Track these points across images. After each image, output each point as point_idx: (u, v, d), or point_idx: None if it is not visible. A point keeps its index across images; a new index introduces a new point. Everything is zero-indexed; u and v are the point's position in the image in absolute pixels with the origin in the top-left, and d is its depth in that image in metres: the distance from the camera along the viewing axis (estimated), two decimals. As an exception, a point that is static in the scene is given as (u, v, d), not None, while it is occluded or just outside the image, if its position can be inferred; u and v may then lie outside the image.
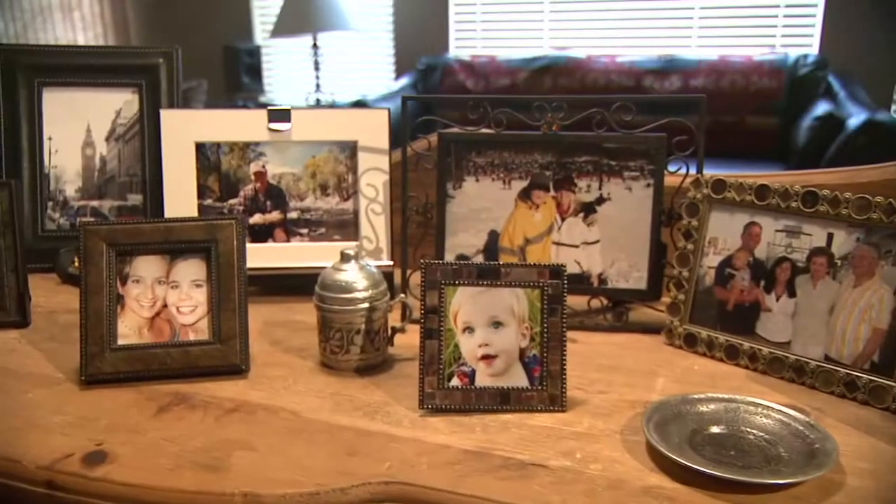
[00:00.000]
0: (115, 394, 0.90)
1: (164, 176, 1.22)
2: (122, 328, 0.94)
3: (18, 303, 1.11)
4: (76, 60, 1.40)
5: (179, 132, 1.21)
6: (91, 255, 0.93)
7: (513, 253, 1.11)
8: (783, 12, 3.79)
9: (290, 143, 1.22)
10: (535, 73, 3.88)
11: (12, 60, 1.38)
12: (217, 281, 0.95)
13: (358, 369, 0.96)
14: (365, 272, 0.96)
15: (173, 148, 1.22)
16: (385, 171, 1.23)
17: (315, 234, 1.23)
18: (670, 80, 3.66)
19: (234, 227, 0.97)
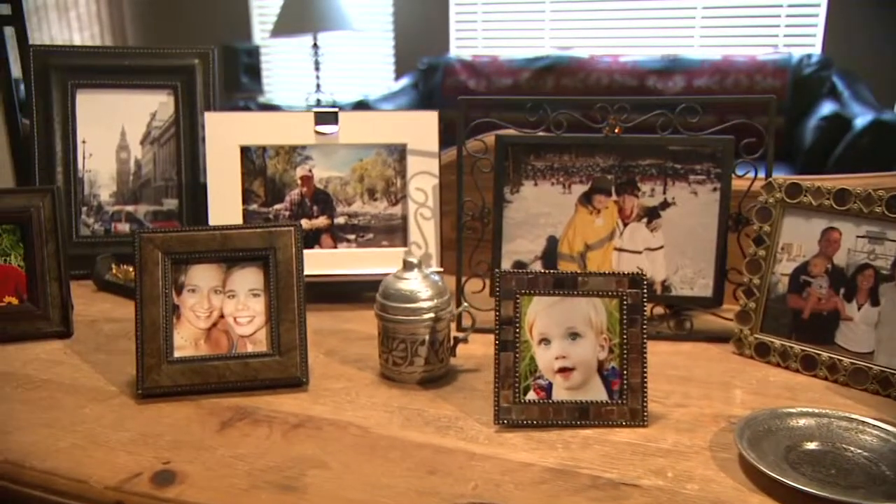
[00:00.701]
0: (174, 408, 0.87)
1: (209, 181, 1.19)
2: (178, 340, 0.91)
3: (62, 312, 1.08)
4: (110, 62, 1.38)
5: (224, 135, 1.19)
6: (146, 264, 0.91)
7: (572, 259, 1.08)
8: (786, 12, 3.79)
9: (338, 146, 1.20)
10: (538, 73, 3.87)
11: (45, 62, 1.35)
12: (275, 290, 0.93)
13: (421, 381, 0.93)
14: (429, 281, 0.93)
15: (218, 152, 1.19)
16: (434, 174, 1.20)
17: (363, 240, 1.21)
18: (674, 80, 3.65)
19: (292, 235, 0.94)
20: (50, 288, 1.08)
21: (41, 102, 1.35)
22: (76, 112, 1.37)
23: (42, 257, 1.08)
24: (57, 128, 1.36)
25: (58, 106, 1.36)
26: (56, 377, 0.96)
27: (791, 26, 3.78)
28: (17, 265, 1.08)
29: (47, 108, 1.35)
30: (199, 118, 1.39)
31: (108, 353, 1.03)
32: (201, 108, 1.39)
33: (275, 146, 1.19)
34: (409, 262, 0.94)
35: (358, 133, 1.20)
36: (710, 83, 3.57)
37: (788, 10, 3.75)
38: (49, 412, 0.87)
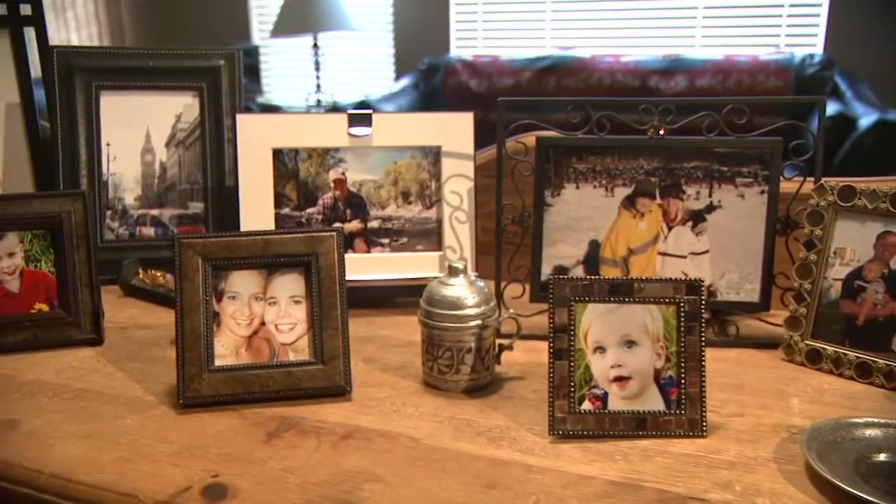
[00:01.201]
0: (216, 418, 0.86)
1: (240, 184, 1.18)
2: (219, 348, 0.89)
3: (93, 319, 1.06)
4: (135, 63, 1.36)
5: (256, 138, 1.17)
6: (187, 271, 0.89)
7: (614, 264, 1.07)
8: (787, 11, 3.78)
9: (371, 148, 1.18)
10: (540, 73, 3.86)
11: (69, 63, 1.34)
12: (318, 297, 0.91)
13: (467, 390, 0.91)
14: (475, 287, 0.92)
15: (249, 154, 1.17)
16: (470, 177, 1.18)
17: (397, 244, 1.19)
18: (676, 80, 3.64)
19: (334, 240, 0.92)
20: (81, 294, 1.06)
21: (65, 104, 1.33)
22: (100, 114, 1.35)
23: (73, 263, 1.06)
24: (81, 130, 1.34)
25: (82, 108, 1.34)
26: (92, 386, 0.94)
27: (792, 26, 3.78)
28: (48, 271, 1.06)
29: (71, 111, 1.34)
30: (224, 120, 1.37)
31: (142, 361, 1.01)
32: (227, 109, 1.37)
33: (307, 149, 1.18)
34: (454, 268, 0.92)
35: (392, 135, 1.18)
36: (713, 83, 3.57)
37: (790, 9, 3.75)
38: (89, 423, 0.85)
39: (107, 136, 1.35)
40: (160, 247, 1.36)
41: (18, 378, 0.96)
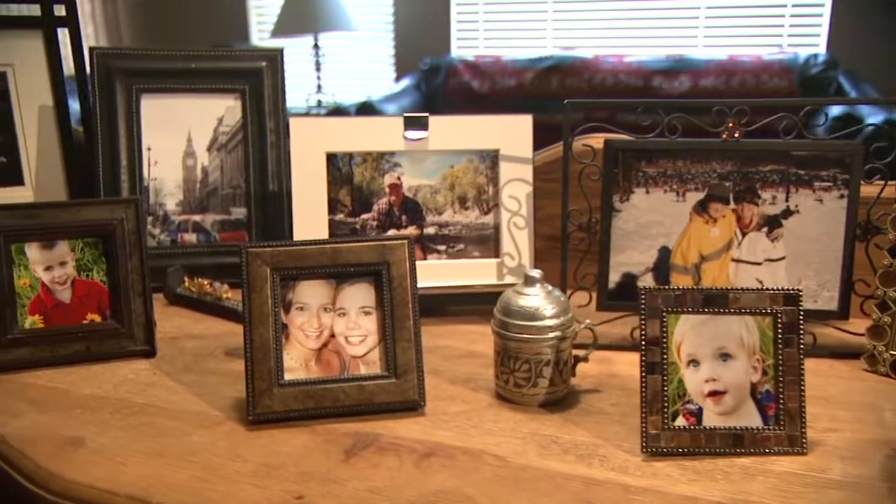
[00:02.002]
0: (288, 435, 0.83)
1: (294, 189, 1.15)
2: (289, 361, 0.87)
3: (146, 330, 1.04)
4: (176, 64, 1.33)
5: (309, 142, 1.14)
6: (255, 282, 0.86)
7: (686, 271, 1.04)
8: (790, 11, 3.78)
9: (427, 152, 1.15)
10: (542, 74, 3.85)
11: (108, 65, 1.31)
12: (390, 308, 0.88)
13: (544, 404, 0.89)
14: (552, 297, 0.89)
15: (303, 159, 1.14)
16: (528, 181, 1.16)
17: (453, 251, 1.16)
18: (679, 80, 3.64)
19: (405, 248, 0.89)
20: (134, 304, 1.03)
21: (105, 108, 1.31)
22: (141, 117, 1.32)
23: (126, 272, 1.03)
24: (122, 134, 1.31)
25: (122, 111, 1.31)
26: (153, 401, 0.91)
27: (795, 26, 3.78)
28: (100, 280, 1.03)
29: (111, 114, 1.31)
30: (267, 123, 1.34)
31: (199, 373, 0.99)
32: (269, 112, 1.35)
33: (362, 153, 1.15)
34: (530, 277, 0.89)
35: (448, 139, 1.15)
36: (717, 83, 3.57)
37: (793, 9, 3.76)
38: (156, 440, 0.82)
39: (148, 141, 1.33)
40: (202, 253, 1.33)
41: (75, 392, 0.93)
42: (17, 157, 1.43)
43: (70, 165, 1.47)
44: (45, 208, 1.02)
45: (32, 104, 1.44)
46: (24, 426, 0.86)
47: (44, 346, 1.00)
